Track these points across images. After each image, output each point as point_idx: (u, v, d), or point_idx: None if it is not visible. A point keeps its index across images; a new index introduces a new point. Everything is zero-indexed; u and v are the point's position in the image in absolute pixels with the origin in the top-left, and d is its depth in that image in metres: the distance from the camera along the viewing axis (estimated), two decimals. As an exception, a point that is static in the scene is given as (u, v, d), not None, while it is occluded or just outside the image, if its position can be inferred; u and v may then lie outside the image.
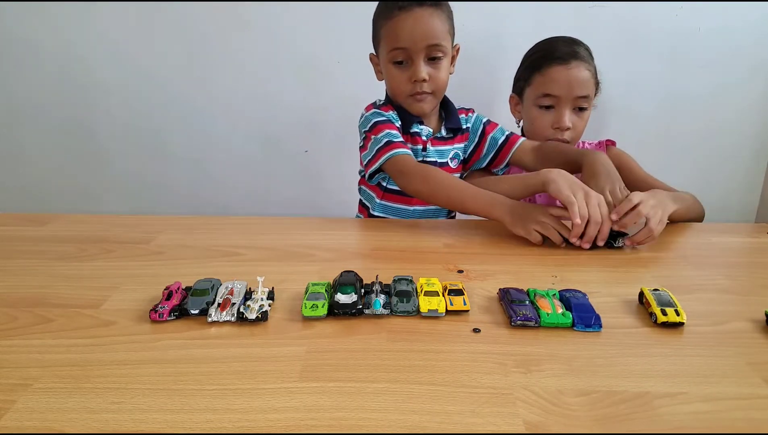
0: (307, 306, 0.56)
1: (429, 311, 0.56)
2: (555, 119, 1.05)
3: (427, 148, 1.03)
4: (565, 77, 1.02)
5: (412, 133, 1.03)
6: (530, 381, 0.45)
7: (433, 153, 1.04)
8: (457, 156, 1.07)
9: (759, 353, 0.50)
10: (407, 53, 0.94)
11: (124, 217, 0.91)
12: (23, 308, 0.57)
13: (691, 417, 0.41)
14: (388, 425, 0.39)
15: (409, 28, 0.92)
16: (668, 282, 0.66)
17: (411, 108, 1.00)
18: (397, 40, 0.93)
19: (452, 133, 1.06)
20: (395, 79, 0.97)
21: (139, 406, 0.41)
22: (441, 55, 0.96)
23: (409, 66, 0.95)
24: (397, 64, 0.96)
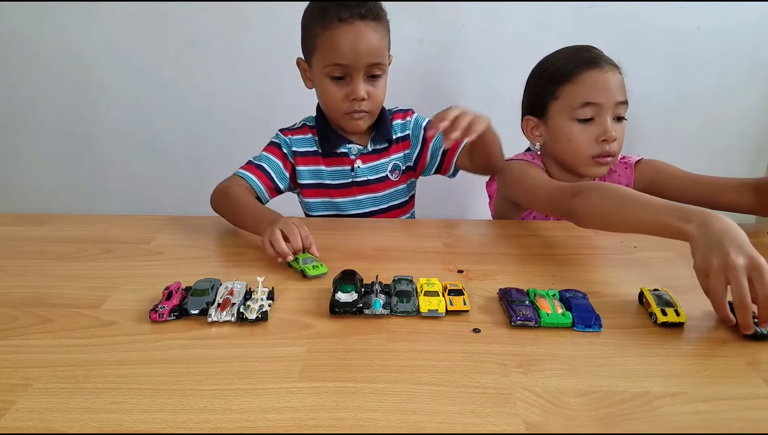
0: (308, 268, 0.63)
1: (429, 311, 0.56)
2: (600, 131, 0.91)
3: (354, 168, 0.98)
4: (604, 81, 0.90)
5: (340, 153, 0.98)
6: (530, 381, 0.45)
7: (365, 171, 0.98)
8: (398, 167, 1.01)
9: (759, 353, 0.50)
10: (346, 69, 0.87)
11: (124, 217, 0.91)
12: (23, 308, 0.57)
13: (691, 417, 0.41)
14: (388, 425, 0.39)
15: (350, 44, 0.85)
16: (668, 282, 0.65)
17: (347, 126, 0.94)
18: (337, 56, 0.86)
19: (386, 143, 0.99)
20: (331, 95, 0.90)
21: (139, 406, 0.41)
22: (380, 73, 0.90)
23: (348, 82, 0.89)
24: (335, 79, 0.89)
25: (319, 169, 0.99)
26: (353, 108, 0.90)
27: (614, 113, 0.92)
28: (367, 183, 0.99)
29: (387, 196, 1.01)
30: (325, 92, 0.91)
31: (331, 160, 0.99)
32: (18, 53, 1.52)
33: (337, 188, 1.00)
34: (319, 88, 0.93)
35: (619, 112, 0.93)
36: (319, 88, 0.93)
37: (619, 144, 0.94)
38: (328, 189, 1.00)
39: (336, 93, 0.90)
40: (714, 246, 0.54)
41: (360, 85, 0.88)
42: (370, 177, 0.99)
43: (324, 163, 0.99)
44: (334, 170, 0.99)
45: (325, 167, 0.99)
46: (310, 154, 1.00)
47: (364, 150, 0.98)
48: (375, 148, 0.99)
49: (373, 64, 0.88)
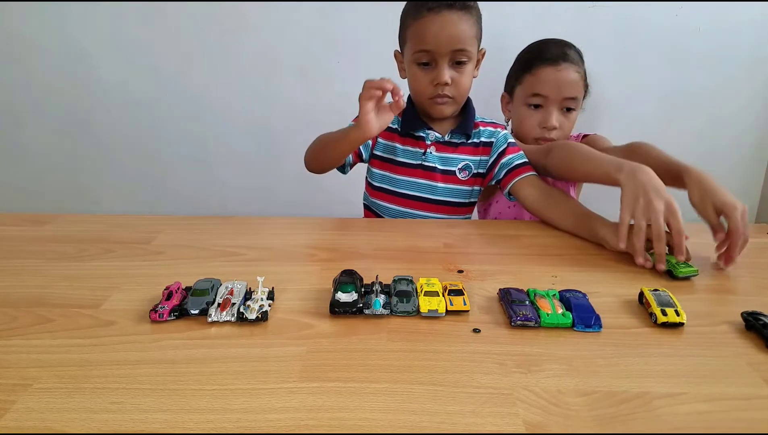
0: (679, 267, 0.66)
1: (429, 311, 0.56)
2: (543, 118, 1.07)
3: (426, 153, 1.01)
4: (554, 78, 1.04)
5: (417, 136, 1.02)
6: (530, 381, 0.45)
7: (435, 159, 1.02)
8: (468, 168, 1.03)
9: (759, 353, 0.50)
10: (432, 55, 0.93)
11: (124, 217, 0.91)
12: (23, 308, 0.57)
13: (691, 417, 0.41)
14: (388, 425, 0.39)
15: (436, 31, 0.91)
16: (668, 282, 0.66)
17: (431, 110, 0.99)
18: (423, 42, 0.92)
19: (463, 138, 1.02)
20: (418, 80, 0.96)
21: (139, 406, 0.41)
22: (466, 60, 0.94)
23: (433, 68, 0.94)
24: (421, 65, 0.95)
25: (393, 146, 1.04)
26: (437, 93, 0.95)
27: (562, 105, 1.06)
28: (433, 170, 1.02)
29: (446, 191, 1.03)
30: (413, 78, 0.97)
31: (407, 140, 1.03)
32: (19, 53, 1.53)
33: (403, 166, 1.03)
34: (408, 75, 0.99)
35: (567, 104, 1.06)
36: (408, 75, 0.99)
37: (563, 132, 1.10)
38: (395, 165, 1.04)
39: (422, 78, 0.96)
40: (639, 192, 0.71)
41: (444, 70, 0.93)
42: (438, 166, 1.02)
43: (400, 142, 1.04)
44: (407, 149, 1.03)
45: (399, 145, 1.04)
46: (391, 130, 1.04)
47: (441, 138, 1.02)
48: (452, 140, 1.02)
49: (458, 50, 0.92)
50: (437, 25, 0.90)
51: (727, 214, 0.70)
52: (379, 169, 1.06)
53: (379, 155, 1.05)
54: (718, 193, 0.72)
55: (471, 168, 1.03)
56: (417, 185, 1.03)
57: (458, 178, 1.03)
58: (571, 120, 1.08)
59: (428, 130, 1.02)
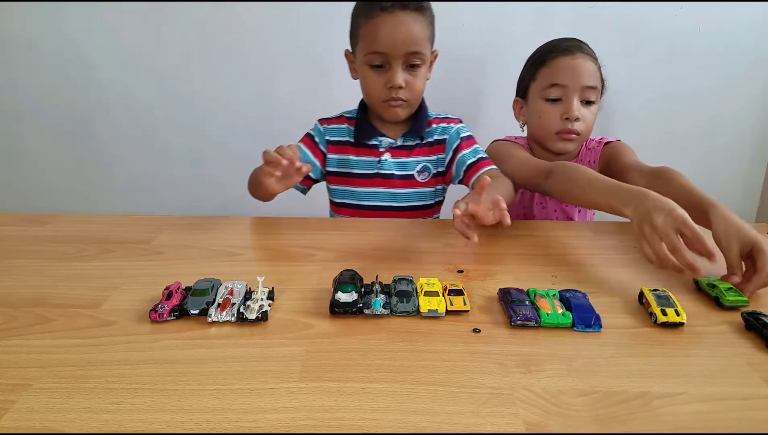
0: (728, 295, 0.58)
1: (429, 311, 0.56)
2: (564, 109, 1.01)
3: (381, 160, 0.99)
4: (572, 66, 1.00)
5: (371, 145, 1.00)
6: (530, 381, 0.45)
7: (391, 165, 0.99)
8: (427, 169, 1.01)
9: (759, 353, 0.50)
10: (385, 57, 0.90)
11: (124, 217, 0.91)
12: (23, 308, 0.57)
13: (691, 417, 0.41)
14: (388, 425, 0.39)
15: (390, 32, 0.87)
16: (668, 282, 0.66)
17: (385, 114, 0.96)
18: (376, 43, 0.89)
19: (417, 140, 1.00)
20: (371, 83, 0.93)
21: (139, 406, 0.41)
22: (419, 63, 0.92)
23: (387, 70, 0.91)
24: (374, 67, 0.92)
25: (347, 159, 1.02)
26: (391, 96, 0.93)
27: (582, 96, 1.01)
28: (391, 177, 1.00)
29: (409, 195, 1.01)
30: (366, 80, 0.94)
31: (361, 150, 1.01)
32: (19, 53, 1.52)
33: (360, 178, 1.01)
34: (360, 77, 0.96)
35: (587, 96, 1.01)
36: (360, 77, 0.96)
37: (586, 125, 1.03)
38: (352, 178, 1.02)
39: (375, 81, 0.93)
40: (645, 219, 0.65)
41: (398, 73, 0.91)
42: (396, 172, 1.00)
43: (353, 153, 1.02)
44: (361, 160, 1.01)
45: (353, 156, 1.02)
46: (341, 143, 1.03)
47: (393, 144, 1.00)
48: (405, 143, 1.00)
49: (412, 52, 0.90)
50: (391, 26, 0.87)
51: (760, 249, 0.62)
52: (337, 185, 1.04)
53: (334, 171, 1.03)
54: (745, 231, 0.65)
55: (430, 169, 1.01)
56: (377, 195, 1.01)
57: (418, 181, 1.01)
58: (593, 113, 1.03)
59: (381, 137, 0.99)
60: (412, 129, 1.00)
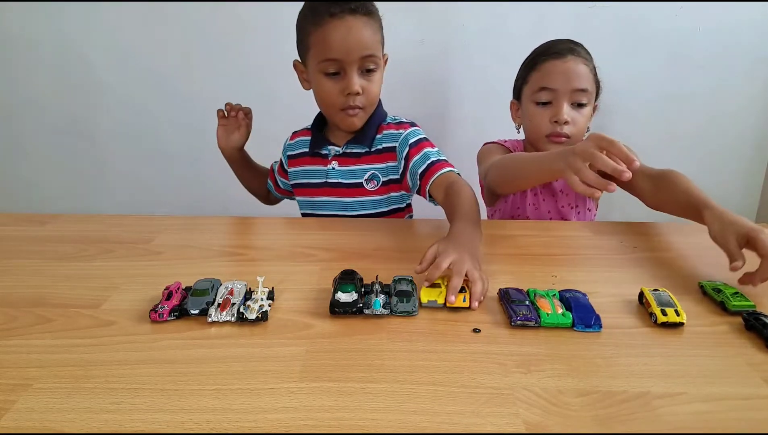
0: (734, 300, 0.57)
1: (429, 302, 0.56)
2: (553, 113, 1.01)
3: (328, 169, 0.98)
4: (562, 69, 1.00)
5: (322, 154, 0.99)
6: (530, 381, 0.45)
7: (338, 174, 0.97)
8: (376, 177, 0.97)
9: (759, 353, 0.50)
10: (340, 64, 0.87)
11: (124, 217, 0.91)
12: (23, 308, 0.57)
13: (691, 417, 0.41)
14: (388, 425, 0.39)
15: (342, 37, 0.85)
16: (668, 282, 0.66)
17: (342, 123, 0.94)
18: (329, 50, 0.86)
19: (365, 148, 0.97)
20: (326, 91, 0.90)
21: (139, 406, 0.41)
22: (374, 67, 0.90)
23: (342, 77, 0.88)
24: (329, 75, 0.89)
25: (301, 170, 1.03)
26: (348, 103, 0.90)
27: (572, 99, 1.01)
28: (338, 186, 0.98)
29: (357, 204, 0.99)
30: (321, 89, 0.91)
31: (312, 159, 1.01)
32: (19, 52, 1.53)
33: (313, 187, 1.01)
34: (314, 86, 0.93)
35: (577, 98, 1.01)
36: (314, 86, 0.93)
37: (577, 128, 1.03)
38: (307, 187, 1.02)
39: (331, 89, 0.90)
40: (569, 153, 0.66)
41: (354, 78, 0.88)
42: (343, 181, 0.98)
43: (307, 163, 1.02)
44: (312, 169, 1.01)
45: (306, 166, 1.02)
46: (299, 155, 1.04)
47: (338, 151, 0.98)
48: (351, 151, 0.97)
49: (366, 56, 0.88)
50: (341, 31, 0.85)
51: (754, 237, 0.63)
52: (299, 196, 1.05)
53: (294, 183, 1.05)
54: (739, 223, 0.66)
55: (378, 177, 0.97)
56: (329, 204, 1.00)
57: (367, 190, 0.98)
58: (585, 116, 1.03)
59: (329, 145, 0.98)
60: (356, 137, 0.97)
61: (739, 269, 0.63)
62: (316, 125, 1.02)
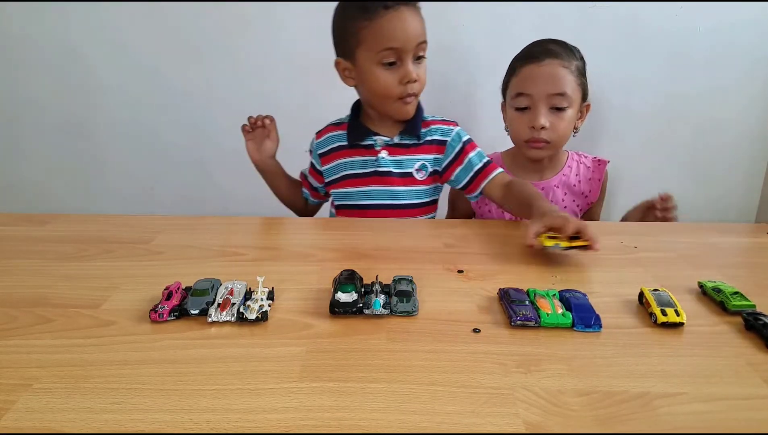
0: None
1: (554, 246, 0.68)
2: (530, 119, 1.02)
3: (378, 158, 1.00)
4: (537, 74, 1.00)
5: (366, 145, 1.01)
6: (530, 381, 0.45)
7: (389, 162, 1.00)
8: (425, 167, 1.01)
9: (759, 353, 0.50)
10: (398, 53, 0.90)
11: (124, 217, 0.91)
12: (23, 308, 0.57)
13: (691, 417, 0.41)
14: (388, 425, 0.39)
15: (401, 27, 0.89)
16: (668, 282, 0.66)
17: (398, 112, 0.97)
18: (389, 40, 0.89)
19: (415, 139, 1.00)
20: (384, 81, 0.92)
21: (139, 406, 0.41)
22: (424, 54, 0.94)
23: (398, 67, 0.92)
24: (385, 66, 0.92)
25: (341, 162, 1.03)
26: (406, 91, 0.93)
27: (550, 104, 1.01)
28: (389, 174, 1.00)
29: (407, 193, 1.01)
30: (377, 80, 0.93)
31: (356, 151, 1.02)
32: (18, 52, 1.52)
33: (357, 178, 1.02)
34: (368, 78, 0.94)
35: (556, 103, 1.01)
36: (368, 78, 0.94)
37: (556, 132, 1.03)
38: (348, 179, 1.03)
39: (389, 79, 0.92)
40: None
41: (411, 66, 0.92)
42: (394, 169, 1.00)
43: (348, 155, 1.02)
44: (357, 160, 1.02)
45: (348, 158, 1.02)
46: (333, 150, 1.04)
47: (390, 141, 1.00)
48: (402, 142, 1.00)
49: (421, 43, 0.92)
50: (399, 22, 0.89)
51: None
52: (338, 188, 1.05)
53: (331, 180, 1.06)
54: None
55: (427, 167, 1.02)
56: (376, 193, 1.01)
57: (416, 179, 1.01)
58: (564, 120, 1.02)
59: (375, 136, 1.00)
60: (408, 128, 1.00)
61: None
62: (352, 119, 1.03)
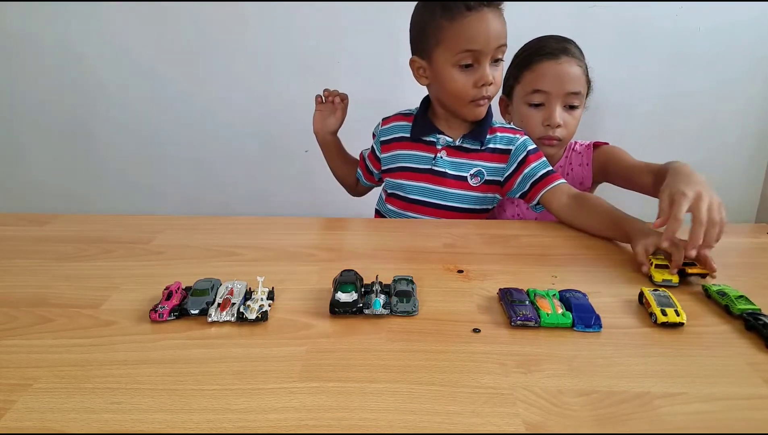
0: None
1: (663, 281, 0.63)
2: (545, 116, 1.02)
3: (437, 157, 0.99)
4: (555, 72, 1.00)
5: (428, 141, 1.00)
6: (530, 381, 0.45)
7: (446, 163, 0.99)
8: (481, 174, 0.98)
9: (759, 353, 0.50)
10: (476, 56, 0.89)
11: (124, 217, 0.91)
12: (23, 308, 0.57)
13: (691, 417, 0.41)
14: (388, 425, 0.39)
15: (483, 30, 0.88)
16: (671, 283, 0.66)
17: (471, 113, 0.95)
18: (470, 42, 0.88)
19: (477, 144, 0.98)
20: (461, 83, 0.91)
21: (139, 406, 0.41)
22: (502, 57, 0.92)
23: (475, 69, 0.91)
24: (463, 67, 0.91)
25: (400, 153, 1.03)
26: (481, 94, 0.92)
27: (565, 102, 1.02)
28: (443, 175, 0.99)
29: (457, 196, 1.00)
30: (453, 82, 0.92)
31: (417, 145, 1.01)
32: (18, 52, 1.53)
33: (412, 171, 1.01)
34: (444, 78, 0.93)
35: (570, 101, 1.02)
36: (444, 78, 0.93)
37: (568, 130, 1.03)
38: (404, 171, 1.02)
39: (465, 81, 0.91)
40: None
41: (488, 69, 0.91)
42: (449, 171, 0.99)
43: (408, 148, 1.02)
44: (416, 154, 1.01)
45: (408, 151, 1.02)
46: (396, 140, 1.04)
47: (452, 143, 0.99)
48: (464, 145, 0.99)
49: (500, 46, 0.90)
50: (481, 23, 0.87)
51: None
52: (392, 178, 1.05)
53: (388, 168, 1.05)
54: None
55: (483, 174, 0.99)
56: (428, 190, 1.01)
57: (470, 184, 0.99)
58: (576, 118, 1.04)
59: (439, 134, 0.99)
60: (473, 131, 0.98)
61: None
62: (419, 113, 1.02)
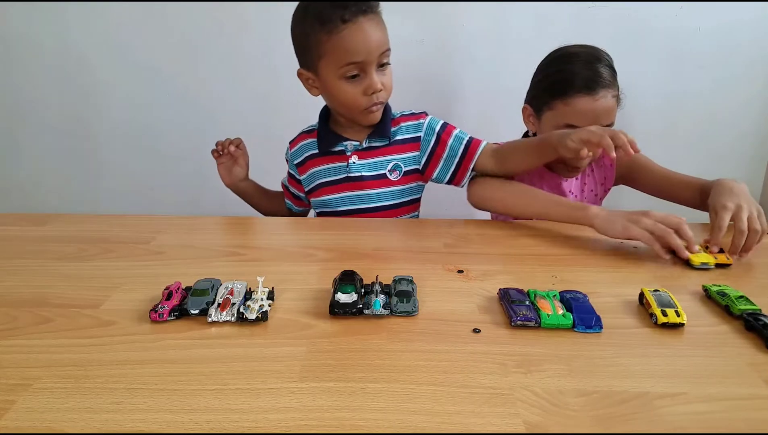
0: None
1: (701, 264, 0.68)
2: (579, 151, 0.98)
3: (349, 164, 0.98)
4: (591, 109, 0.96)
5: (337, 151, 0.99)
6: (530, 381, 0.45)
7: (360, 167, 0.98)
8: (398, 167, 0.99)
9: (759, 353, 0.50)
10: (361, 66, 0.88)
11: (124, 217, 0.91)
12: (23, 308, 0.57)
13: (691, 417, 0.41)
14: (388, 425, 0.39)
15: (362, 41, 0.86)
16: (668, 282, 0.66)
17: (366, 119, 0.95)
18: (351, 55, 0.86)
19: (385, 141, 0.98)
20: (350, 94, 0.90)
21: (139, 406, 0.41)
22: (388, 61, 0.92)
23: (363, 78, 0.89)
24: (350, 78, 0.89)
25: (315, 171, 1.02)
26: (372, 101, 0.91)
27: None
28: (360, 179, 0.99)
29: (381, 195, 1.00)
30: (342, 94, 0.91)
31: (327, 158, 1.00)
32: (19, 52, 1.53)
33: (331, 185, 1.01)
34: (332, 91, 0.92)
35: None
36: (332, 91, 0.92)
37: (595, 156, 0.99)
38: (323, 187, 1.01)
39: (353, 91, 0.90)
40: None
41: (375, 77, 0.90)
42: (365, 173, 0.99)
43: (321, 163, 1.01)
44: (329, 167, 1.00)
45: (321, 166, 1.01)
46: (307, 159, 1.03)
47: (359, 146, 0.99)
48: (372, 145, 0.99)
49: (384, 52, 0.89)
50: (359, 35, 0.86)
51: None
52: (315, 197, 1.04)
53: (309, 189, 1.04)
54: None
55: (401, 166, 0.99)
56: (350, 198, 1.00)
57: (390, 180, 0.99)
58: None
59: (345, 141, 0.99)
60: (376, 131, 0.98)
61: None
62: (321, 126, 1.02)
